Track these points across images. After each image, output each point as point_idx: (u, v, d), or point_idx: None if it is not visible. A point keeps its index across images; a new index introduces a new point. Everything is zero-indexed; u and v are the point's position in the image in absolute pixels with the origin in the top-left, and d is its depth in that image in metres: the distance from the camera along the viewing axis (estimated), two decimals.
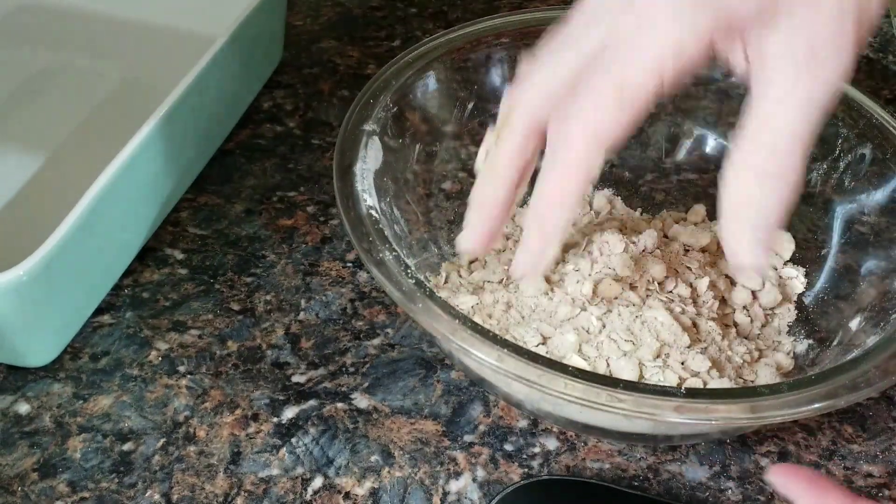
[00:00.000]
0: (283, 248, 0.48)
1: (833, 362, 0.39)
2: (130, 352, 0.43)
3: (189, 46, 0.56)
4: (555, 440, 0.40)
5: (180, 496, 0.38)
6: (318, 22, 0.65)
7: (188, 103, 0.46)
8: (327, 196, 0.51)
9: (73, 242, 0.39)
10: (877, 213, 0.44)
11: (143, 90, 0.56)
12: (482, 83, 0.48)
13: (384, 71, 0.45)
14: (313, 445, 0.40)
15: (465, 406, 0.41)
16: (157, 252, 0.47)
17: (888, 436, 0.41)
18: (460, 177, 0.48)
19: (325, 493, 0.38)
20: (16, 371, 0.42)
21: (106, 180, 0.40)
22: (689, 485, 0.39)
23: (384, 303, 0.46)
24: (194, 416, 0.40)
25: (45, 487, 0.38)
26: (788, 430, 0.41)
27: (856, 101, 0.45)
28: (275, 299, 0.46)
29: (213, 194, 0.51)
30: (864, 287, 0.42)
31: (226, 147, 0.54)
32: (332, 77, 0.60)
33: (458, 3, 0.68)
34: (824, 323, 0.42)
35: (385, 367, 0.43)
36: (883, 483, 0.40)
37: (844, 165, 0.45)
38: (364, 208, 0.39)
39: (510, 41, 0.48)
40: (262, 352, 0.43)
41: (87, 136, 0.54)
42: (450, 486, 0.38)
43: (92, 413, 0.40)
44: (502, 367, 0.33)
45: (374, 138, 0.42)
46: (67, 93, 0.57)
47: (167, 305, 0.45)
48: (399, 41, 0.63)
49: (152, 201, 0.47)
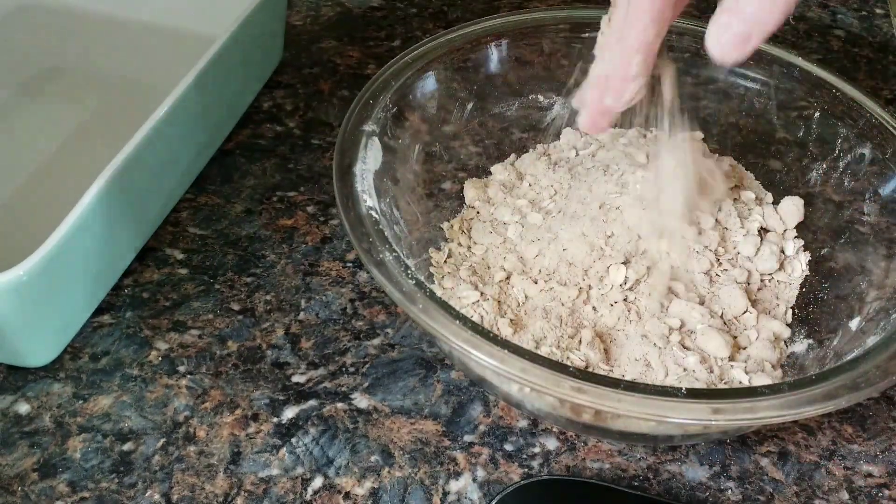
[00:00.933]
0: (283, 248, 0.48)
1: (833, 362, 0.39)
2: (130, 352, 0.43)
3: (189, 46, 0.56)
4: (555, 440, 0.40)
5: (180, 496, 0.38)
6: (318, 22, 0.65)
7: (188, 103, 0.46)
8: (327, 196, 0.51)
9: (73, 242, 0.39)
10: (877, 213, 0.44)
11: (143, 90, 0.56)
12: (482, 83, 0.49)
13: (384, 71, 0.45)
14: (313, 445, 0.40)
15: (465, 406, 0.41)
16: (157, 252, 0.47)
17: (888, 436, 0.41)
18: (460, 177, 0.48)
19: (325, 493, 0.38)
20: (16, 371, 0.42)
21: (106, 180, 0.40)
22: (689, 485, 0.39)
23: (384, 303, 0.46)
24: (194, 416, 0.40)
25: (45, 487, 0.38)
26: (788, 430, 0.41)
27: (856, 101, 0.45)
28: (275, 299, 0.46)
29: (213, 194, 0.51)
30: (864, 287, 0.42)
31: (226, 147, 0.54)
32: (332, 77, 0.60)
33: (458, 3, 0.68)
34: (824, 323, 0.42)
35: (385, 367, 0.43)
36: (883, 483, 0.40)
37: (844, 165, 0.45)
38: (364, 209, 0.39)
39: (510, 41, 0.48)
40: (262, 352, 0.43)
41: (87, 136, 0.54)
42: (450, 486, 0.38)
43: (92, 413, 0.40)
44: (503, 368, 0.33)
45: (374, 139, 0.42)
46: (67, 93, 0.57)
47: (167, 305, 0.45)
48: (399, 41, 0.63)
49: (152, 201, 0.47)
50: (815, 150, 0.47)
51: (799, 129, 0.47)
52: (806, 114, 0.47)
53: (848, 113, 0.45)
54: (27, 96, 0.56)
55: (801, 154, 0.47)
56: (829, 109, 0.46)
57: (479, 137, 0.49)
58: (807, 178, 0.47)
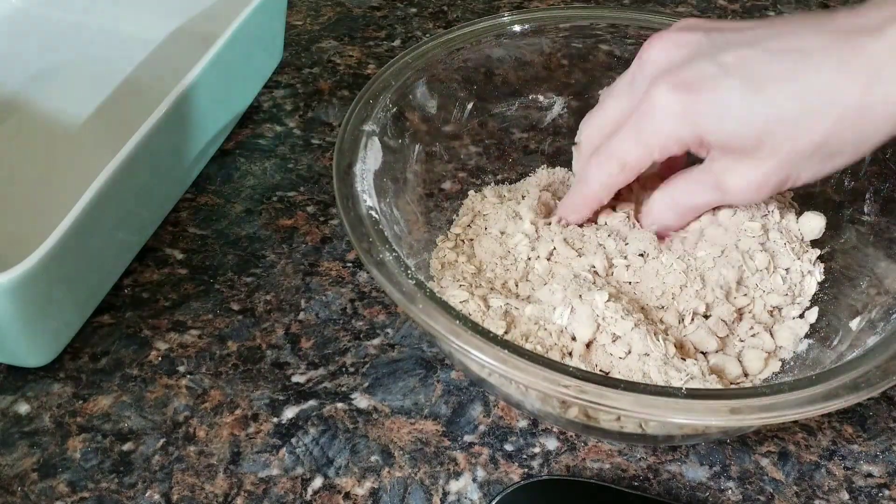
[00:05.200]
0: (283, 248, 0.48)
1: (833, 362, 0.39)
2: (130, 352, 0.43)
3: (189, 46, 0.56)
4: (555, 440, 0.40)
5: (180, 496, 0.38)
6: (318, 22, 0.65)
7: (188, 103, 0.46)
8: (327, 196, 0.51)
9: (73, 242, 0.39)
10: (877, 213, 0.44)
11: (143, 90, 0.56)
12: (482, 83, 0.49)
13: (384, 71, 0.45)
14: (313, 445, 0.40)
15: (465, 406, 0.41)
16: (157, 252, 0.47)
17: (888, 436, 0.41)
18: (460, 177, 0.48)
19: (325, 493, 0.38)
20: (16, 371, 0.42)
21: (106, 180, 0.40)
22: (689, 485, 0.39)
23: (384, 303, 0.46)
24: (194, 416, 0.40)
25: (45, 487, 0.38)
26: (788, 430, 0.41)
27: None
28: (275, 299, 0.46)
29: (213, 194, 0.51)
30: (864, 287, 0.42)
31: (226, 147, 0.54)
32: (332, 77, 0.60)
33: (458, 3, 0.68)
34: (824, 323, 0.42)
35: (385, 367, 0.43)
36: (883, 483, 0.40)
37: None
38: (364, 209, 0.39)
39: (510, 41, 0.48)
40: (262, 352, 0.43)
41: (87, 136, 0.54)
42: (450, 487, 0.38)
43: (92, 413, 0.40)
44: (502, 368, 0.33)
45: (374, 138, 0.42)
46: (67, 93, 0.57)
47: (167, 305, 0.45)
48: (399, 41, 0.64)
49: (152, 201, 0.47)
50: None
51: None
52: None
53: None
54: (27, 96, 0.56)
55: None
56: None
57: (479, 137, 0.49)
58: None
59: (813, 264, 0.43)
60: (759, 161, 0.38)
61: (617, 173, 0.41)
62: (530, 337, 0.39)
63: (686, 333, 0.40)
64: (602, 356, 0.38)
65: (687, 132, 0.38)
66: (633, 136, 0.40)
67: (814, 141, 0.36)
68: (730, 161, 0.39)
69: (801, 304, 0.43)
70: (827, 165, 0.38)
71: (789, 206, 0.45)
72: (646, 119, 0.39)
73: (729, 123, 0.37)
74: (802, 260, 0.43)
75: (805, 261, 0.43)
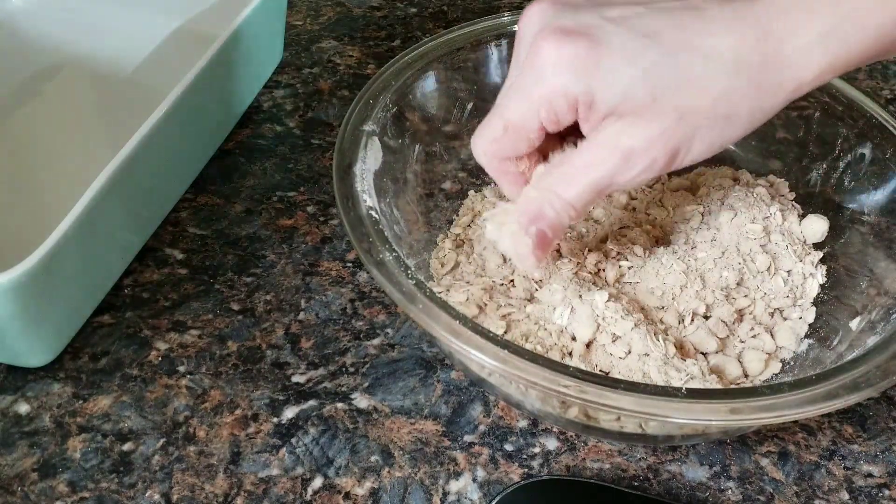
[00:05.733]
0: (283, 248, 0.48)
1: (833, 362, 0.39)
2: (130, 352, 0.43)
3: (189, 46, 0.56)
4: (555, 440, 0.40)
5: (180, 496, 0.38)
6: (318, 22, 0.65)
7: (188, 103, 0.46)
8: (327, 196, 0.51)
9: (73, 242, 0.39)
10: (877, 213, 0.44)
11: (143, 90, 0.56)
12: (482, 83, 0.48)
13: (384, 71, 0.45)
14: (313, 445, 0.40)
15: (465, 406, 0.41)
16: (157, 252, 0.47)
17: (888, 436, 0.41)
18: (460, 177, 0.48)
19: (325, 493, 0.38)
20: (16, 371, 0.42)
21: (106, 180, 0.40)
22: (689, 485, 0.39)
23: (384, 303, 0.46)
24: (194, 416, 0.40)
25: (45, 487, 0.38)
26: (788, 430, 0.41)
27: (856, 100, 0.45)
28: (275, 299, 0.46)
29: (213, 194, 0.51)
30: (864, 287, 0.42)
31: (226, 147, 0.54)
32: (332, 77, 0.60)
33: (458, 3, 0.68)
34: (824, 323, 0.42)
35: (385, 367, 0.43)
36: (883, 483, 0.40)
37: (844, 165, 0.45)
38: (364, 209, 0.39)
39: (510, 41, 0.48)
40: (262, 352, 0.43)
41: (87, 136, 0.54)
42: (450, 486, 0.38)
43: (92, 413, 0.40)
44: (502, 368, 0.33)
45: (374, 138, 0.42)
46: (67, 93, 0.57)
47: (167, 305, 0.45)
48: (399, 41, 0.64)
49: (152, 201, 0.47)
50: (815, 150, 0.47)
51: (799, 129, 0.47)
52: (806, 114, 0.47)
53: (848, 113, 0.45)
54: (27, 96, 0.56)
55: (801, 154, 0.47)
56: (829, 109, 0.46)
57: None
58: (807, 178, 0.47)
59: (815, 267, 0.43)
60: (654, 120, 0.34)
61: (500, 135, 0.37)
62: (530, 337, 0.39)
63: (686, 334, 0.40)
64: (602, 356, 0.38)
65: (578, 86, 0.34)
66: (517, 92, 0.36)
67: (711, 95, 0.34)
68: (624, 125, 0.35)
69: (802, 305, 0.43)
70: (724, 132, 0.35)
71: (791, 209, 0.45)
72: (530, 71, 0.35)
73: (622, 76, 0.34)
74: (804, 262, 0.43)
75: (807, 263, 0.43)
